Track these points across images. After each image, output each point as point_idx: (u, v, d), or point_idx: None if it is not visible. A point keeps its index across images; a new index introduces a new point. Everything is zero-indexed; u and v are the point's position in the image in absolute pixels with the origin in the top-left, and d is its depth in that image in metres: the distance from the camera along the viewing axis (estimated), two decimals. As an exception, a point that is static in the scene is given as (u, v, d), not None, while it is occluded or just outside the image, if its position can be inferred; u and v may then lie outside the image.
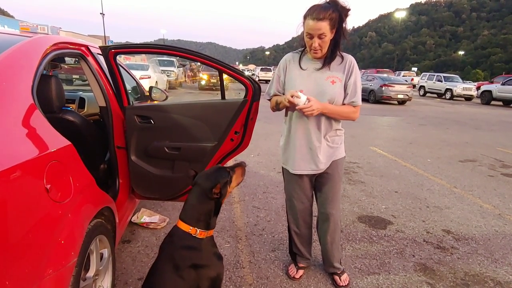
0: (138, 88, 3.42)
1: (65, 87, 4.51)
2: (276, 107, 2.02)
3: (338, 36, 1.76)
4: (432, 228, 3.05)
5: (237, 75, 2.11)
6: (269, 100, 2.09)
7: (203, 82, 18.57)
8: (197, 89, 18.80)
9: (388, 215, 3.29)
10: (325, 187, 2.05)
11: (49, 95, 2.01)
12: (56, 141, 1.42)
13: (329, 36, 1.71)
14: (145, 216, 2.91)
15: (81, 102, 3.31)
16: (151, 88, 3.37)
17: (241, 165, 1.67)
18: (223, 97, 2.25)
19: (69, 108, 3.06)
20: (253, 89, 2.12)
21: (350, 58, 1.87)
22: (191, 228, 1.46)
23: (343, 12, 1.71)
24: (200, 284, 1.43)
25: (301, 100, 1.73)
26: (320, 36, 1.70)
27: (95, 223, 1.59)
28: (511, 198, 3.91)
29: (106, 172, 2.56)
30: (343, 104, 1.89)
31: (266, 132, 7.15)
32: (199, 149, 2.23)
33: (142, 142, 2.33)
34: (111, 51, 2.15)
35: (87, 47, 2.32)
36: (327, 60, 1.83)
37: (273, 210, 3.26)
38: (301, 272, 2.25)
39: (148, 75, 13.32)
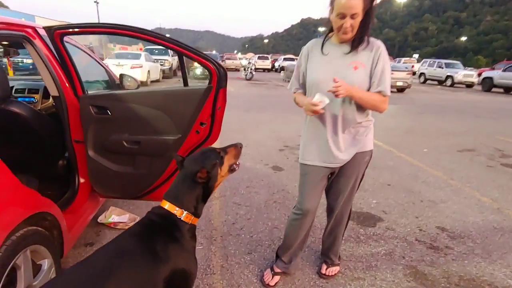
0: (108, 76, 3.14)
1: (33, 76, 4.25)
2: (296, 105, 1.88)
3: (368, 18, 1.59)
4: (426, 225, 2.82)
5: (199, 58, 1.84)
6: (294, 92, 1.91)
7: (198, 71, 18.17)
8: (193, 78, 18.42)
9: (378, 210, 3.06)
10: (339, 180, 1.87)
11: (-14, 84, 1.77)
12: None
13: (360, 16, 1.55)
14: (114, 215, 2.68)
15: (47, 92, 3.04)
16: (121, 75, 3.10)
17: (234, 146, 1.50)
18: (185, 83, 1.99)
19: (29, 99, 2.81)
20: (218, 74, 1.86)
21: (378, 43, 1.66)
22: (177, 209, 1.28)
23: None
24: (164, 276, 1.17)
25: (324, 102, 1.58)
26: (353, 16, 1.53)
27: (24, 233, 1.36)
28: (510, 190, 3.68)
29: (66, 169, 2.32)
30: None
31: (257, 121, 6.89)
32: (160, 142, 1.98)
33: (100, 135, 2.08)
34: (57, 32, 1.88)
35: (34, 28, 2.05)
36: (355, 43, 1.63)
37: (254, 207, 3.03)
38: (276, 278, 2.03)
39: (140, 64, 12.97)
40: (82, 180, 2.20)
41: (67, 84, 2.08)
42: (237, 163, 1.50)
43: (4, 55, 3.25)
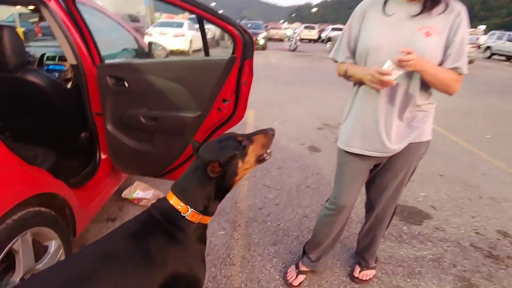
0: (137, 44, 2.98)
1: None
2: (345, 77, 1.49)
3: None
4: (484, 227, 2.41)
5: (221, 22, 1.56)
6: (336, 62, 1.55)
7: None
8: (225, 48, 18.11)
9: (426, 205, 2.68)
10: (385, 174, 1.56)
11: (1, 50, 1.66)
12: None
13: None
14: (138, 191, 2.60)
15: None
16: (150, 43, 2.92)
17: (264, 133, 1.19)
18: (206, 53, 1.74)
19: (53, 67, 2.74)
20: (243, 42, 1.57)
21: (459, 8, 1.27)
22: (182, 204, 1.06)
23: None
24: (160, 283, 1.00)
25: (397, 71, 1.21)
26: None
27: (23, 215, 1.25)
28: None
29: (88, 142, 2.23)
30: None
31: (297, 97, 6.50)
32: (179, 120, 1.78)
33: (117, 109, 1.93)
34: None
35: (49, -10, 1.89)
36: (428, 3, 1.26)
37: (285, 191, 2.79)
38: (301, 278, 1.81)
39: (182, 33, 12.88)
40: (103, 156, 2.09)
41: (85, 52, 1.92)
42: (267, 152, 1.22)
43: (39, 20, 3.20)
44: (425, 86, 1.34)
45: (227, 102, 1.74)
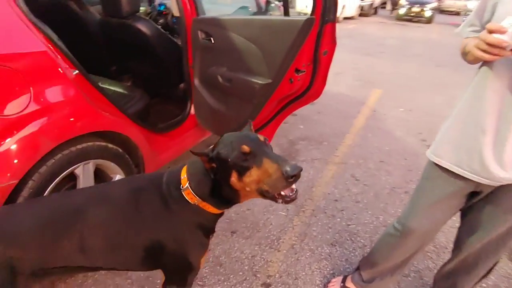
0: (256, 2, 2.90)
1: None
2: (464, 57, 1.07)
3: None
4: None
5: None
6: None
7: (401, 11, 15.68)
8: (393, 18, 16.10)
9: None
10: (486, 210, 1.12)
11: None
12: (16, 44, 1.19)
13: None
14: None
15: None
16: (268, 2, 2.80)
17: (279, 164, 0.85)
18: (286, 12, 1.49)
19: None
20: (324, 1, 1.26)
21: None
22: (185, 176, 0.97)
23: None
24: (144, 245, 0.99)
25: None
26: None
27: (86, 146, 1.41)
28: None
29: (185, 93, 2.37)
30: None
31: (443, 83, 5.34)
32: (249, 85, 1.65)
33: (203, 64, 1.94)
34: None
35: None
36: None
37: (374, 189, 2.38)
38: (343, 295, 1.53)
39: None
40: (193, 109, 2.19)
41: (188, 5, 1.96)
42: (279, 194, 0.90)
43: None
44: None
45: (301, 73, 1.49)
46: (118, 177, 1.63)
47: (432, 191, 1.17)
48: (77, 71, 1.40)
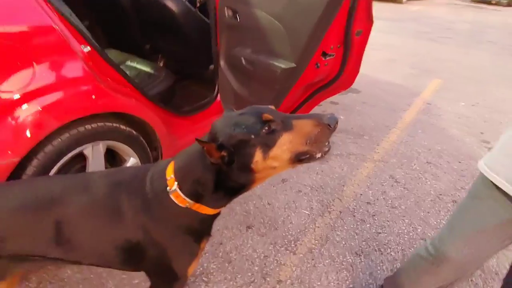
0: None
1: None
2: None
3: None
4: None
5: None
6: None
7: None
8: (468, 0, 14.40)
9: None
10: None
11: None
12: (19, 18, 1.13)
13: None
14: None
15: None
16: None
17: (315, 119, 0.78)
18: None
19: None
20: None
21: None
22: (172, 176, 0.84)
23: None
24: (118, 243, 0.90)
25: None
26: None
27: (96, 127, 1.35)
28: None
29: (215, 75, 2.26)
30: None
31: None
32: (269, 70, 1.47)
33: (230, 45, 1.80)
34: None
35: None
36: None
37: (415, 195, 2.09)
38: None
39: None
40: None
41: None
42: (318, 149, 0.79)
43: None
44: None
45: (330, 57, 1.28)
46: (131, 160, 1.58)
47: (479, 214, 0.93)
48: (89, 48, 1.33)
